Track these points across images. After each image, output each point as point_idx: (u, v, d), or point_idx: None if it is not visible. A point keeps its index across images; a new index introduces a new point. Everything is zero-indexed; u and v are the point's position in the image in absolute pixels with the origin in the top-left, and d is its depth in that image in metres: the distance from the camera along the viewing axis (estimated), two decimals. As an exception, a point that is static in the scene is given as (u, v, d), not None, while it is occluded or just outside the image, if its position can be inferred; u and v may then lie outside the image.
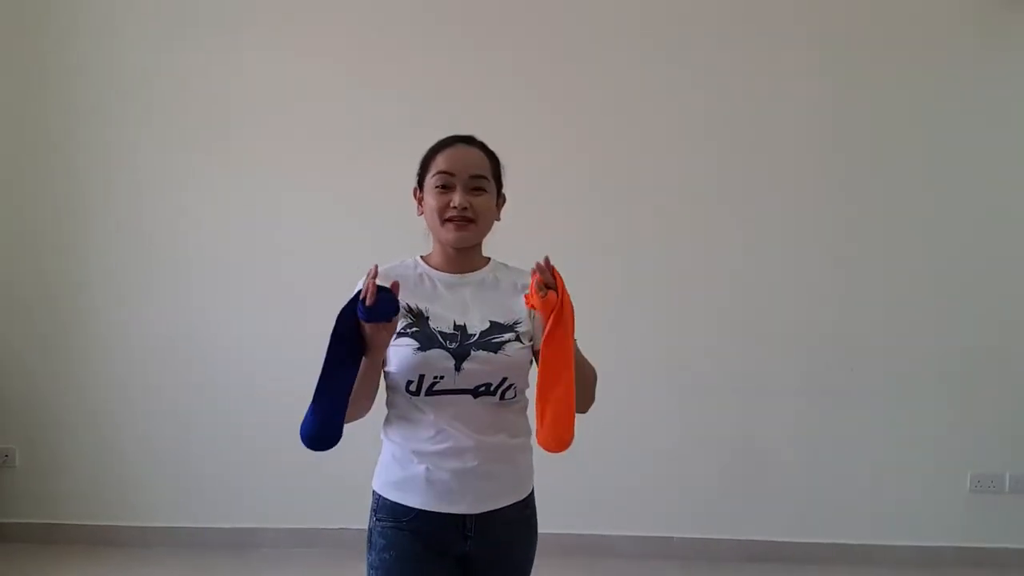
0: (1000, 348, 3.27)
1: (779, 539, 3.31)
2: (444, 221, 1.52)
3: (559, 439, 1.39)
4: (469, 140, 1.59)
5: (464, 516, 1.49)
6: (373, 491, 1.56)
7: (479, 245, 1.60)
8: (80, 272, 3.32)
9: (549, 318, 1.38)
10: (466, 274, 1.58)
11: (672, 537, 3.33)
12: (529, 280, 1.46)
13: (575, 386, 1.39)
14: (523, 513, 1.58)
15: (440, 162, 1.54)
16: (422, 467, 1.48)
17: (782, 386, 3.28)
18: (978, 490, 3.30)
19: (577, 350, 1.47)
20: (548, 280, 1.39)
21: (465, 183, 1.52)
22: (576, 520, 3.23)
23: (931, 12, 3.22)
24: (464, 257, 1.58)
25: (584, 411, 1.51)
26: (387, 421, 1.56)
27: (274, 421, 3.22)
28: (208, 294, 3.31)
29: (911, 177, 3.25)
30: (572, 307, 1.40)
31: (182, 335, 3.32)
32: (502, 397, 1.49)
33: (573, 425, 1.38)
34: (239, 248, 3.31)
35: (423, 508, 1.49)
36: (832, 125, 3.26)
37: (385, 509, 1.52)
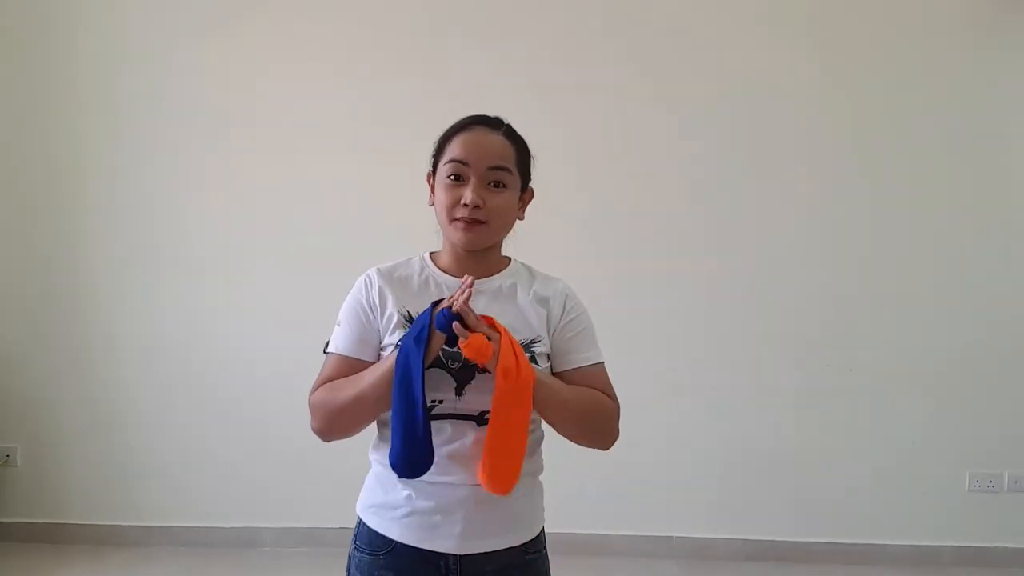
0: (999, 348, 3.28)
1: (778, 539, 3.32)
2: (452, 220, 1.32)
3: (498, 478, 1.23)
4: (493, 123, 1.37)
5: (447, 555, 1.30)
6: (357, 514, 1.40)
7: (497, 245, 1.40)
8: (82, 272, 3.33)
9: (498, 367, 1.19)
10: (479, 280, 1.33)
11: (672, 536, 3.34)
12: (556, 290, 1.38)
13: (564, 419, 1.29)
14: (522, 559, 1.36)
15: (455, 148, 1.33)
16: (405, 493, 1.31)
17: (781, 386, 3.29)
18: (977, 489, 3.31)
19: (566, 391, 1.30)
20: (476, 326, 1.20)
21: (481, 176, 1.31)
22: (576, 520, 3.24)
23: (933, 12, 3.23)
24: (477, 260, 1.36)
25: (599, 445, 1.36)
26: (376, 439, 1.39)
27: (275, 421, 3.23)
28: (209, 294, 3.31)
29: (911, 177, 3.26)
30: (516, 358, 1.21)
31: (183, 335, 3.32)
32: None
33: (514, 469, 1.24)
34: (241, 248, 3.31)
35: (400, 541, 1.31)
36: (831, 127, 3.26)
37: (364, 537, 1.37)
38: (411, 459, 1.22)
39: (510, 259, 1.43)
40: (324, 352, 1.38)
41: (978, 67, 3.24)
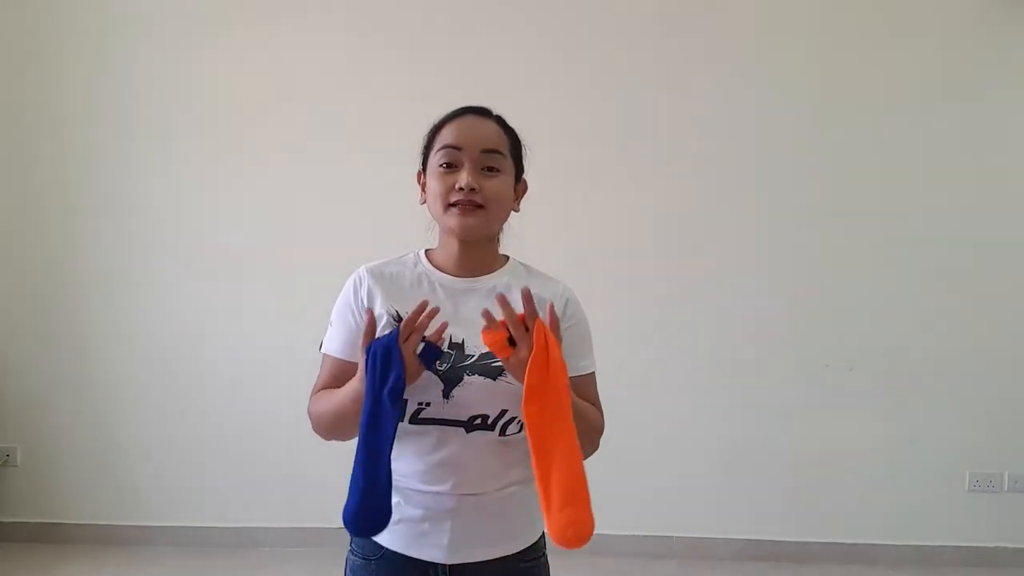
0: (999, 348, 3.28)
1: (778, 539, 3.32)
2: (448, 207, 1.26)
3: (577, 525, 1.14)
4: (483, 112, 1.33)
5: (436, 564, 1.28)
6: None
7: (494, 242, 1.35)
8: (81, 272, 3.33)
9: (527, 368, 1.11)
10: (474, 278, 1.32)
11: (672, 537, 3.33)
12: (556, 292, 1.31)
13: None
14: (517, 567, 1.33)
15: (446, 135, 1.29)
16: (394, 500, 1.25)
17: (781, 385, 3.29)
18: (977, 489, 3.31)
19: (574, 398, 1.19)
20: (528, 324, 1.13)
21: (475, 160, 1.26)
22: (576, 519, 3.23)
23: (933, 12, 3.23)
24: (474, 255, 1.32)
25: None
26: None
27: (275, 421, 3.23)
28: (209, 293, 3.32)
29: (911, 177, 3.26)
30: (557, 354, 1.12)
31: (182, 334, 3.33)
32: (503, 432, 1.25)
33: (589, 505, 1.12)
34: (240, 248, 3.31)
35: (390, 548, 1.29)
36: (831, 125, 3.26)
37: (358, 541, 1.35)
38: (363, 520, 1.14)
39: (507, 257, 1.38)
40: (320, 351, 1.37)
41: (980, 66, 3.24)
